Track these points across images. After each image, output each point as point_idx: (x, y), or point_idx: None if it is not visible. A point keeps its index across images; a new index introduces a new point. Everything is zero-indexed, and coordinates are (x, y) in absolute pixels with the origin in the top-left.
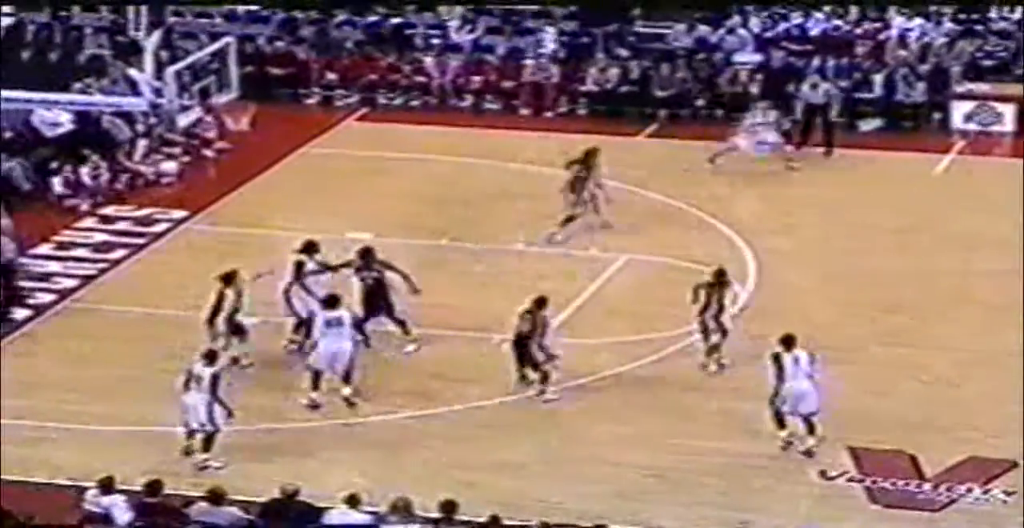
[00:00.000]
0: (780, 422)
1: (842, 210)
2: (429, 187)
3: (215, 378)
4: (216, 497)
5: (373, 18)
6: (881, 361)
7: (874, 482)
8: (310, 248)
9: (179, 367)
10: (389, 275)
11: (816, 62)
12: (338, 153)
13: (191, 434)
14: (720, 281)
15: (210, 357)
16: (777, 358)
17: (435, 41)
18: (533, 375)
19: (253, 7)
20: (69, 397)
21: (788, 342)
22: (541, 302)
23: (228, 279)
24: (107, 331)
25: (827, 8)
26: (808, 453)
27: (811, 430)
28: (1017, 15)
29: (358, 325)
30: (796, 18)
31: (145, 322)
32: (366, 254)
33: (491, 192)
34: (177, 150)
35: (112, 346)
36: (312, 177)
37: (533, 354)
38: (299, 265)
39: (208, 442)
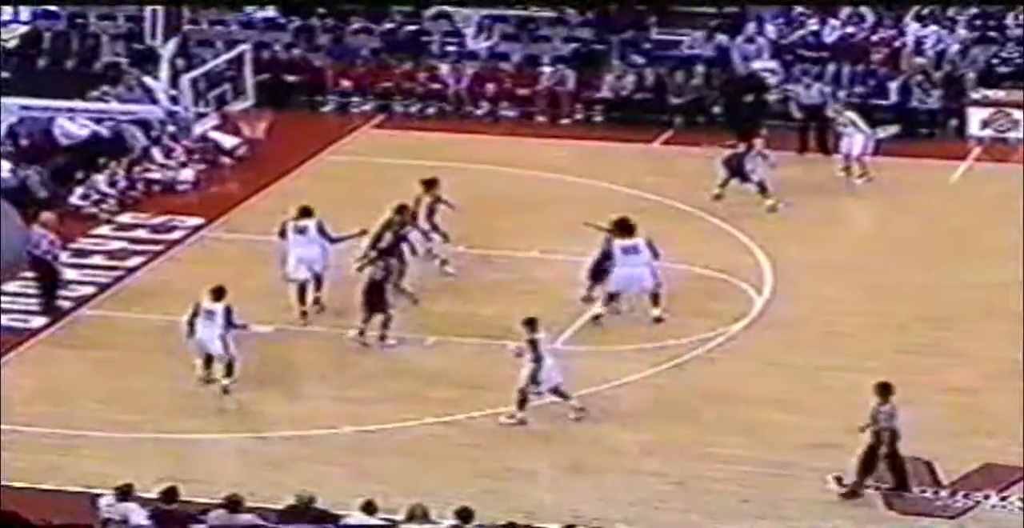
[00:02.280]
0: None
1: (858, 218)
2: (445, 194)
3: (228, 311)
4: (233, 504)
5: (389, 25)
6: (899, 369)
7: (891, 489)
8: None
9: (196, 375)
10: None
11: (832, 69)
12: (354, 160)
13: (208, 363)
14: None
15: (218, 293)
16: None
17: (451, 48)
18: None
19: (269, 14)
20: (85, 404)
21: (531, 323)
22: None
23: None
24: (123, 338)
25: (843, 15)
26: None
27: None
28: None
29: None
30: (812, 25)
31: (161, 329)
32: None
33: (507, 199)
34: (194, 157)
35: (128, 353)
36: (328, 184)
37: (387, 300)
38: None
39: (230, 368)
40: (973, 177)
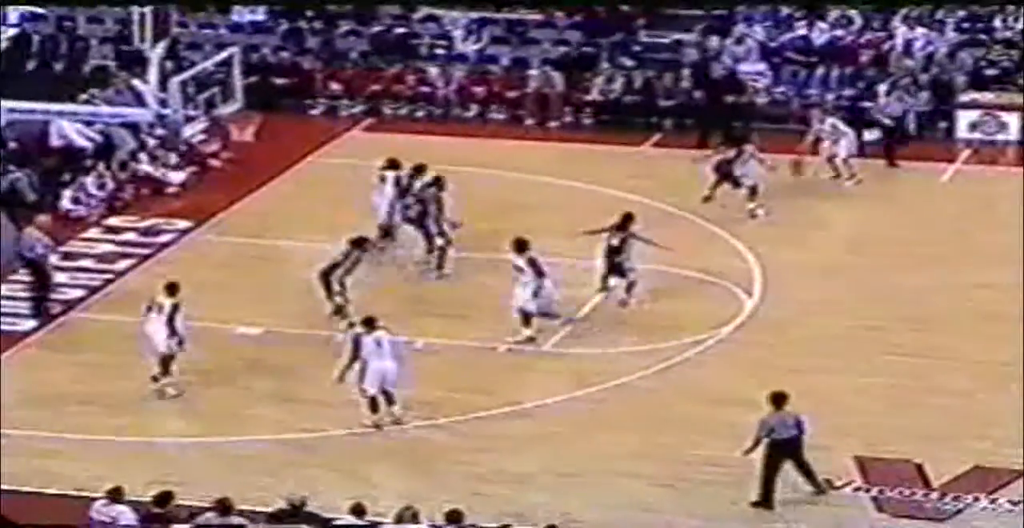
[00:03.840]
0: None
1: (847, 220)
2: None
3: (174, 308)
4: (224, 508)
5: (378, 28)
6: (889, 372)
7: (881, 491)
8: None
9: (185, 379)
10: None
11: (820, 71)
12: (343, 163)
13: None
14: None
15: (171, 289)
16: (356, 339)
17: (440, 51)
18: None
19: (258, 18)
20: (75, 408)
21: (521, 243)
22: (360, 242)
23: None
24: (112, 342)
25: (831, 18)
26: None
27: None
28: (1021, 25)
29: None
30: (801, 28)
31: None
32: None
33: (496, 202)
34: (182, 160)
35: (117, 357)
36: (317, 187)
37: (332, 284)
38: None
39: (166, 365)
40: (962, 180)
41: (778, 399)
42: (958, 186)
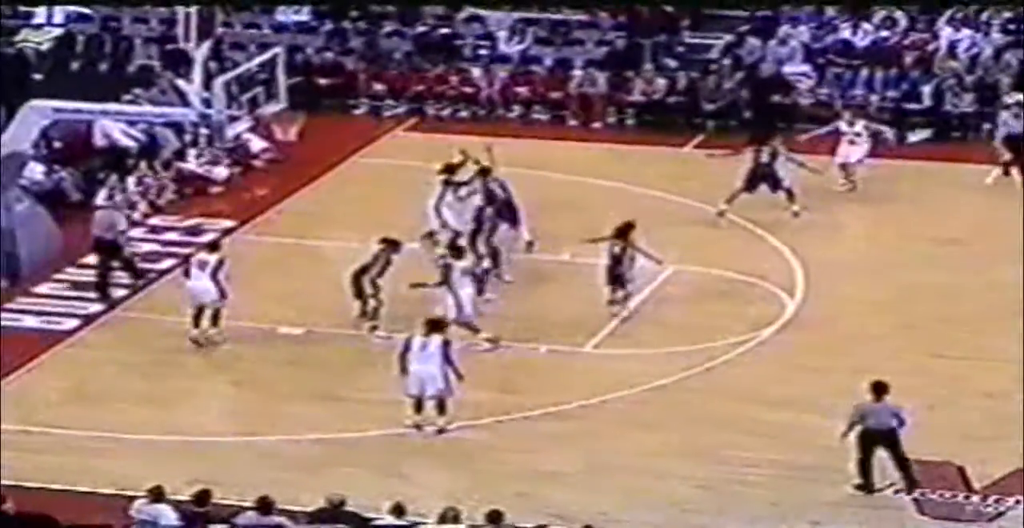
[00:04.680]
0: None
1: (891, 222)
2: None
3: (220, 263)
4: (265, 506)
5: (422, 29)
6: (931, 373)
7: (922, 493)
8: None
9: (227, 377)
10: None
11: (864, 73)
12: (386, 163)
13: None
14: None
15: (213, 246)
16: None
17: (483, 52)
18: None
19: (302, 18)
20: (116, 406)
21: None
22: (391, 242)
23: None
24: (156, 341)
25: (876, 19)
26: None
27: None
28: None
29: None
30: (845, 29)
31: None
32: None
33: (538, 203)
34: (226, 160)
35: (159, 356)
36: (360, 187)
37: (364, 287)
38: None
39: (216, 317)
40: (1006, 181)
41: (878, 388)
42: (1002, 187)
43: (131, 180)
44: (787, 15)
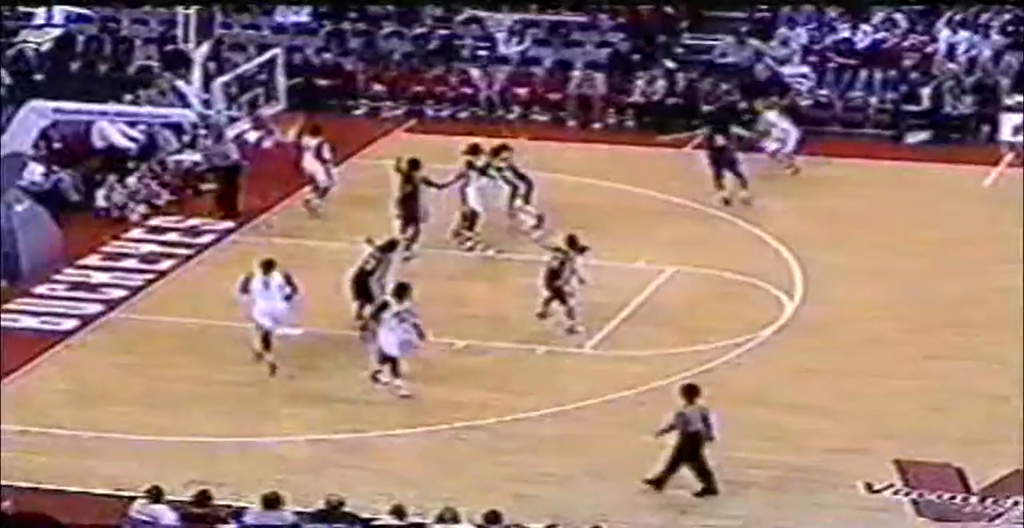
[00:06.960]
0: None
1: (890, 223)
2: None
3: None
4: (271, 502)
5: (421, 30)
6: (930, 375)
7: (921, 495)
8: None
9: (226, 378)
10: None
11: (864, 74)
12: (385, 164)
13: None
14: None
15: (316, 130)
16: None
17: (482, 53)
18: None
19: (301, 19)
20: (116, 408)
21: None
22: (390, 245)
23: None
24: (155, 342)
25: (875, 20)
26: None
27: None
28: None
29: None
30: (844, 31)
31: (192, 333)
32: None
33: (537, 203)
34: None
35: (160, 356)
36: (359, 188)
37: (372, 290)
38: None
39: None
40: (1005, 183)
41: (690, 391)
42: (1001, 189)
43: (131, 181)
44: (786, 16)
